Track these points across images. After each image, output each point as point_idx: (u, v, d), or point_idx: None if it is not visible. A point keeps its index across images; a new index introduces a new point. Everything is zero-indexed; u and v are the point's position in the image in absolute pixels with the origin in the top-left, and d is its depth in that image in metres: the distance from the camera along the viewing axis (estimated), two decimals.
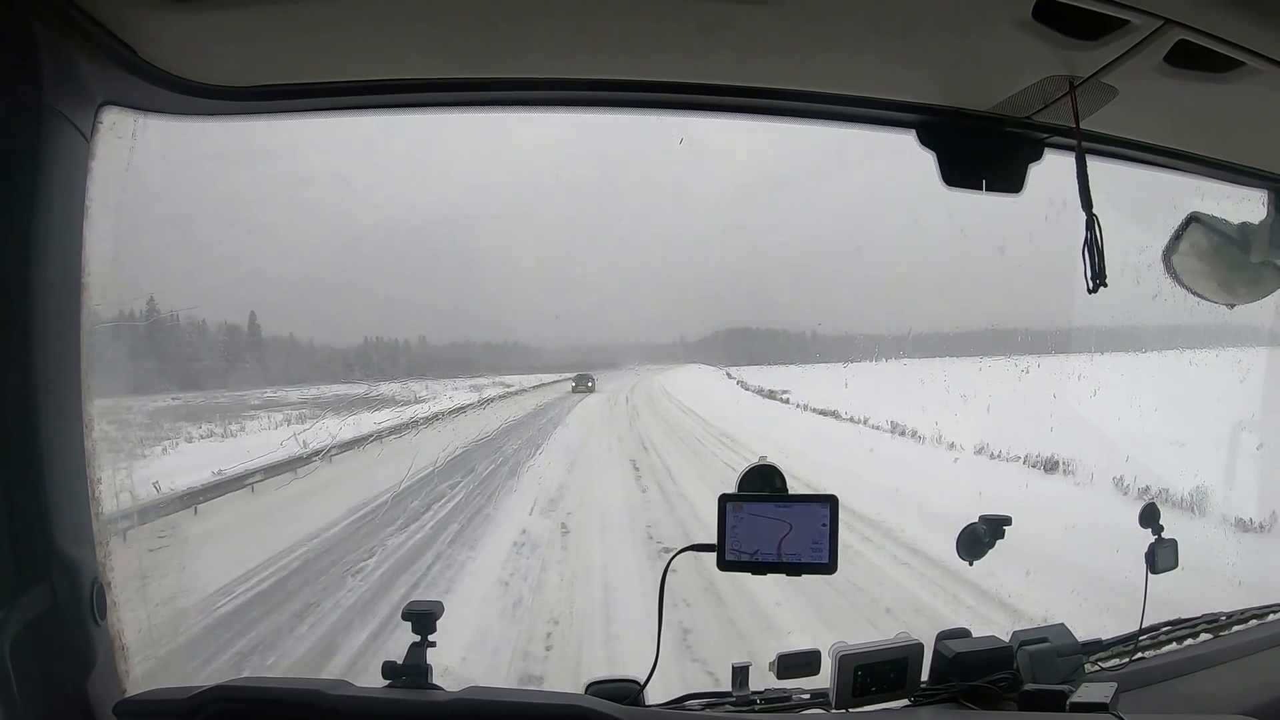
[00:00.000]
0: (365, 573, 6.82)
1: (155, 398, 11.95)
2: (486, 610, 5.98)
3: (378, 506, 8.98)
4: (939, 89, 1.21)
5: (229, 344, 15.32)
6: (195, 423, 13.14)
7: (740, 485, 1.21)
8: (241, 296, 16.10)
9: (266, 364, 17.23)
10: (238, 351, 15.78)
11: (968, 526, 1.42)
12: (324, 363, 18.85)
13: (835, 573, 1.16)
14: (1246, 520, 6.52)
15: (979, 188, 1.28)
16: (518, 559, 7.36)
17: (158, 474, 7.67)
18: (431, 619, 1.21)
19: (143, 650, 1.32)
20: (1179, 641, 1.60)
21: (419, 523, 8.54)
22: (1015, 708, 1.31)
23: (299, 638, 5.47)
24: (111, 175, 1.33)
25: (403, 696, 1.17)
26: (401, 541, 7.82)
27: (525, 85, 1.19)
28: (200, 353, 14.05)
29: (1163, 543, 1.50)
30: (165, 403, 12.67)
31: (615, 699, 1.21)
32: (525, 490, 10.38)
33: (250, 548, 7.24)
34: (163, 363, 12.24)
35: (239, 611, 5.87)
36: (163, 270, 7.39)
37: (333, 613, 5.89)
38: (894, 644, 1.30)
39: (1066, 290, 7.43)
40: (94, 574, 1.21)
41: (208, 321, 14.10)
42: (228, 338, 15.43)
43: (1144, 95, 1.22)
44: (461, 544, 7.79)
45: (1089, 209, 1.17)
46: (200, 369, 14.20)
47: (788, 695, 1.33)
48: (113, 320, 1.43)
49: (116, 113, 1.29)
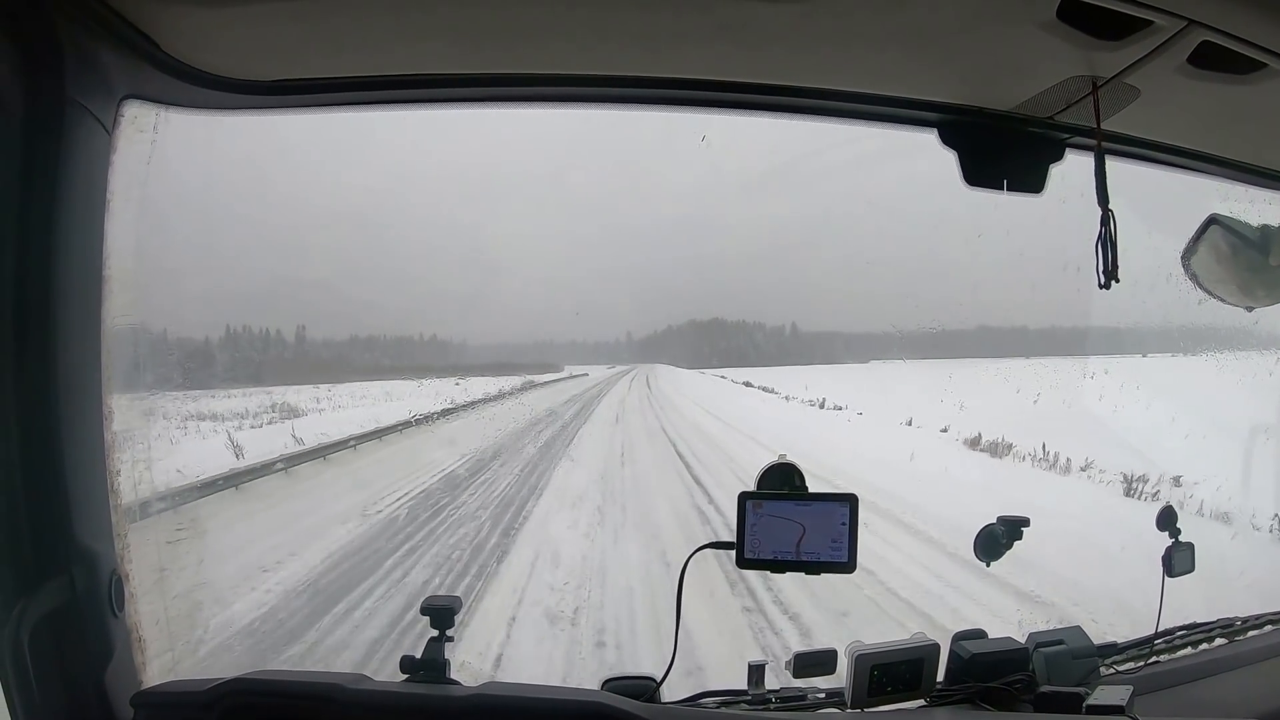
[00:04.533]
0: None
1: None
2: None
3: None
4: (961, 88, 1.21)
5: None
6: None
7: (759, 483, 1.21)
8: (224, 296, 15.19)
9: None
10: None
11: (985, 527, 1.42)
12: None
13: (854, 572, 1.16)
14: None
15: (1000, 187, 1.28)
16: None
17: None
18: (450, 614, 1.21)
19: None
20: (1194, 646, 1.59)
21: None
22: (1031, 709, 1.30)
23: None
24: (133, 169, 1.35)
25: (421, 691, 1.17)
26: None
27: (543, 81, 1.19)
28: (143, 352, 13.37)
29: (1180, 546, 1.49)
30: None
31: (632, 695, 1.21)
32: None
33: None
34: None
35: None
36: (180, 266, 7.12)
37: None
38: (910, 644, 1.30)
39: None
40: (113, 566, 1.21)
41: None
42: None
43: (1166, 96, 1.21)
44: None
45: (1105, 204, 1.17)
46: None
47: (803, 694, 1.33)
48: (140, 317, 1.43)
49: (138, 106, 1.30)
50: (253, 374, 15.41)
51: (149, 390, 3.71)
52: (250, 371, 15.34)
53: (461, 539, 7.33)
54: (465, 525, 7.78)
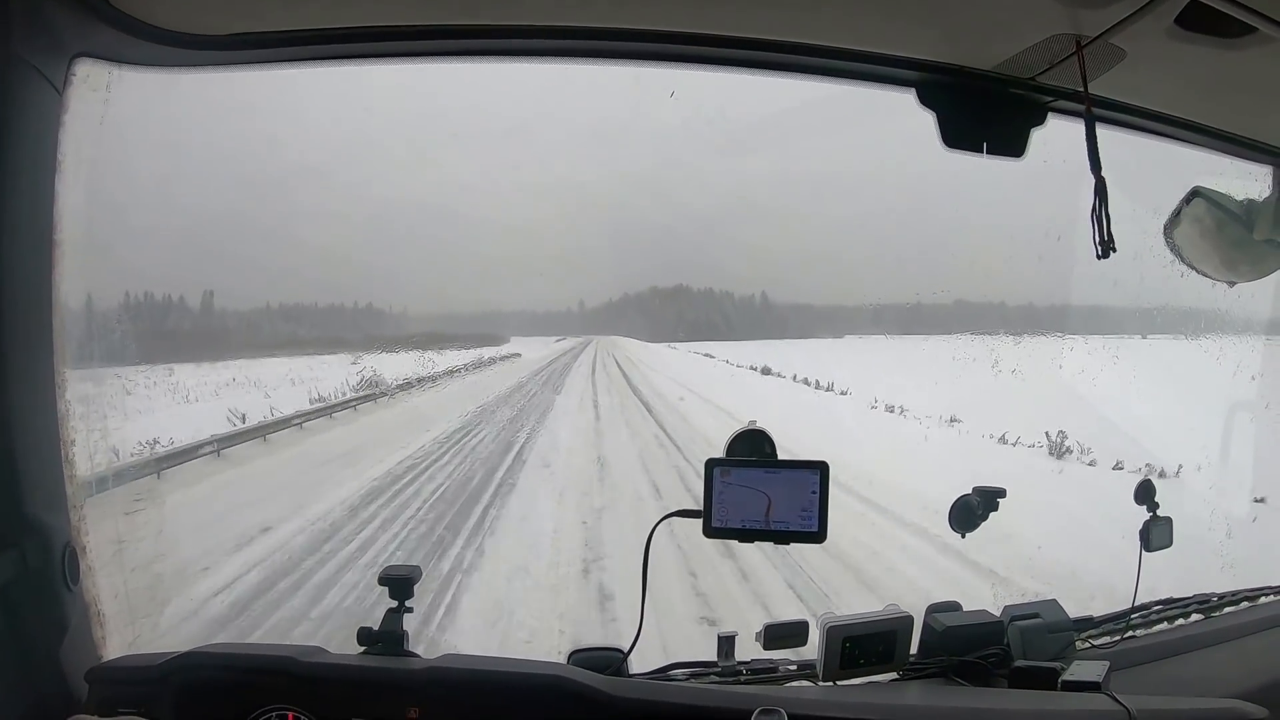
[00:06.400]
0: None
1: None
2: None
3: None
4: (940, 45, 1.17)
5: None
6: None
7: (729, 450, 1.18)
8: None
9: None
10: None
11: (961, 498, 1.40)
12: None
13: (825, 541, 1.14)
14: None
15: (980, 150, 1.24)
16: None
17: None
18: (408, 584, 1.19)
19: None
20: (1170, 621, 1.59)
21: None
22: (1006, 684, 1.29)
23: None
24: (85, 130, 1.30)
25: (377, 664, 1.15)
26: None
27: (506, 34, 1.15)
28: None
29: (1157, 520, 1.48)
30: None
31: (598, 668, 1.19)
32: None
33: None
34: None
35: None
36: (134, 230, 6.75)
37: None
38: (883, 616, 1.28)
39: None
40: (66, 538, 1.18)
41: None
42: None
43: (1153, 59, 1.18)
44: None
45: (1098, 172, 1.14)
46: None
47: (775, 666, 1.31)
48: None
49: (90, 64, 1.26)
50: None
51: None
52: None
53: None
54: None
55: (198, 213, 13.60)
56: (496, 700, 1.09)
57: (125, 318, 9.61)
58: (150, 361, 12.03)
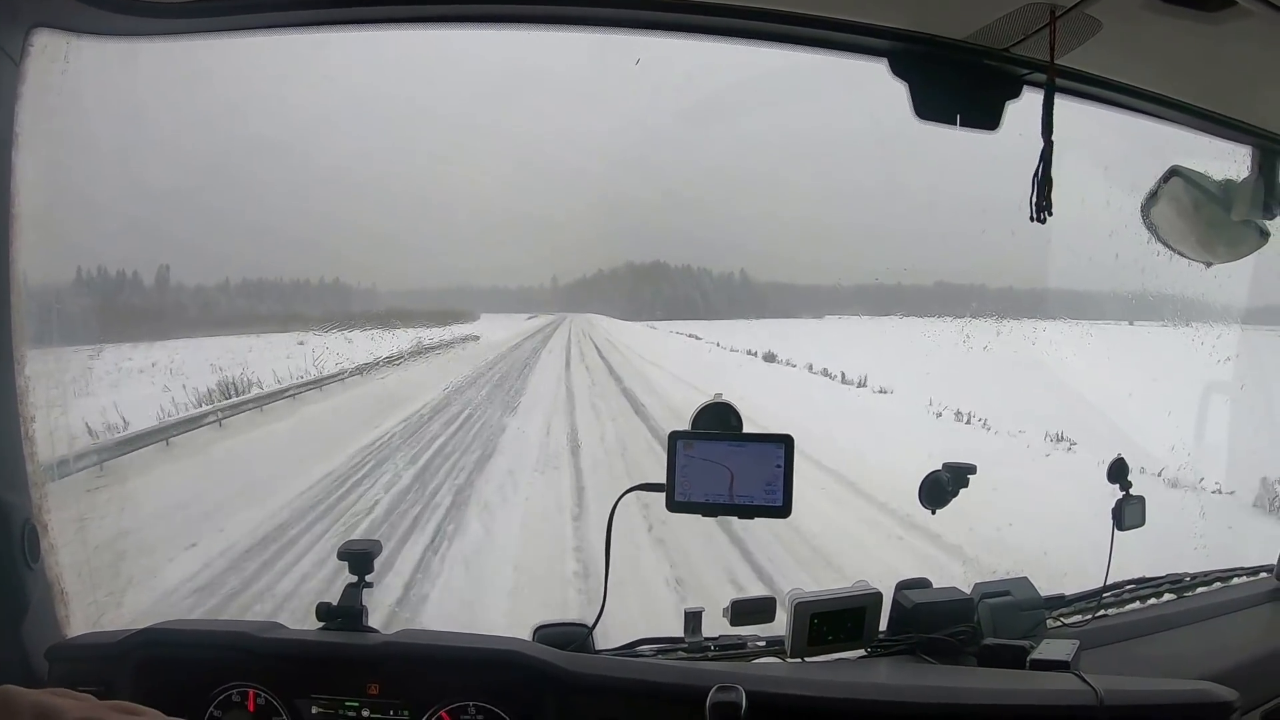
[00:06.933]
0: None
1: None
2: None
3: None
4: (912, 13, 1.15)
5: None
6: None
7: (694, 423, 1.17)
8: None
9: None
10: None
11: (931, 474, 1.40)
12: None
13: (789, 516, 1.13)
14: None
15: (953, 122, 1.23)
16: None
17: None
18: (369, 559, 1.17)
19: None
20: (1142, 601, 1.59)
21: None
22: (975, 662, 1.29)
23: None
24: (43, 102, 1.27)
25: (335, 640, 1.14)
26: None
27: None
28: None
29: (1130, 499, 1.48)
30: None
31: (563, 643, 1.19)
32: None
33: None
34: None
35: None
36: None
37: None
38: (852, 593, 1.28)
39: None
40: (26, 515, 1.16)
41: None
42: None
43: (1129, 32, 1.16)
44: None
45: (1048, 137, 1.14)
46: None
47: (742, 642, 1.31)
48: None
49: (48, 35, 1.23)
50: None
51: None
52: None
53: None
54: None
55: (159, 185, 12.98)
56: (455, 675, 1.09)
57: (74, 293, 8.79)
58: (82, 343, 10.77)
